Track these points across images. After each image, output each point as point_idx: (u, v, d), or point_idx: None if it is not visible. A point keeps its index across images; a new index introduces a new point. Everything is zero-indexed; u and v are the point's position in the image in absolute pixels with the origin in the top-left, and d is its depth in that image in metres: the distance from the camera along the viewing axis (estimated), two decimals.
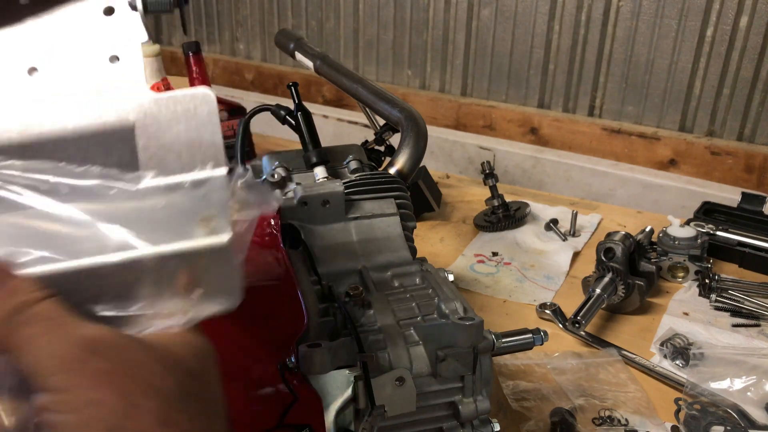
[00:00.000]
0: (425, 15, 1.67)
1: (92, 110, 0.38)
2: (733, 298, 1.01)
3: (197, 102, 0.38)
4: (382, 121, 1.07)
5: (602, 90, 1.52)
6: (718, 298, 1.01)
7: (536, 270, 1.13)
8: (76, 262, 0.35)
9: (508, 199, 1.29)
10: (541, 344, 0.65)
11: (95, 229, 0.36)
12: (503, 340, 0.62)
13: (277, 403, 0.51)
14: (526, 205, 1.31)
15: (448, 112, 1.69)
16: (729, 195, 1.30)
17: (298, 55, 1.22)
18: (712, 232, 1.14)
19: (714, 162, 1.40)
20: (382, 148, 1.12)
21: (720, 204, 1.26)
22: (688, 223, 1.16)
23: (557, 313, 0.98)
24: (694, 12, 1.36)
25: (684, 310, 1.01)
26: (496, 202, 1.27)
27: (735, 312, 0.99)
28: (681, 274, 1.09)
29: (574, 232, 1.24)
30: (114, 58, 0.40)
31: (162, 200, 0.37)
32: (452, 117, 1.69)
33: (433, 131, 1.24)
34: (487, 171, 1.26)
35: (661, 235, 1.11)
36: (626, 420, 0.78)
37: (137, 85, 0.40)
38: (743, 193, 1.24)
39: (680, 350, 0.89)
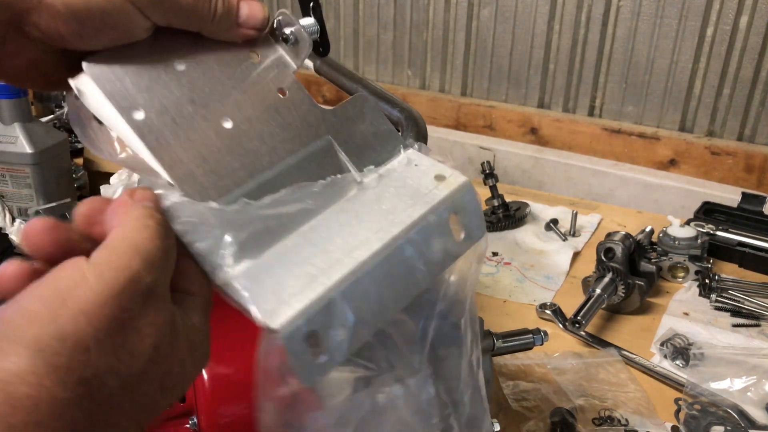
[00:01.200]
0: (425, 15, 1.67)
1: (292, 140, 0.43)
2: (734, 298, 1.01)
3: (359, 103, 0.46)
4: None
5: (602, 90, 1.52)
6: (718, 298, 1.01)
7: (536, 270, 1.13)
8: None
9: (508, 199, 1.29)
10: (541, 344, 0.65)
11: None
12: (503, 340, 0.62)
13: None
14: (526, 205, 1.31)
15: (448, 112, 1.69)
16: (729, 195, 1.30)
17: None
18: (712, 232, 1.14)
19: (714, 162, 1.40)
20: None
21: (720, 204, 1.26)
22: (688, 223, 1.16)
23: (557, 313, 0.98)
24: (694, 12, 1.36)
25: (684, 310, 1.01)
26: (496, 202, 1.27)
27: (735, 312, 0.99)
28: (681, 274, 1.09)
29: (574, 232, 1.24)
30: (282, 92, 0.45)
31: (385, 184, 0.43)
32: (452, 117, 1.69)
33: (433, 131, 1.24)
34: (487, 171, 1.26)
35: (661, 235, 1.11)
36: (626, 420, 0.78)
37: (310, 107, 0.45)
38: (743, 193, 1.24)
39: (680, 350, 0.89)
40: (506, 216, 1.26)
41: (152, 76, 0.41)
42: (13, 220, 1.18)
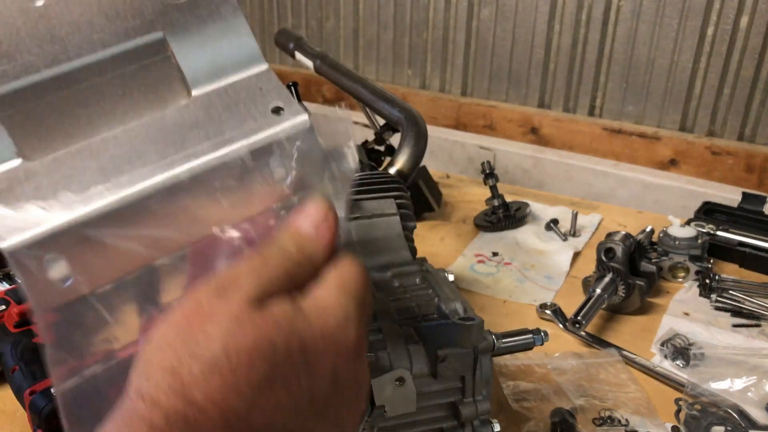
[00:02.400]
0: (425, 15, 1.67)
1: (116, 34, 0.37)
2: (734, 298, 1.01)
3: (217, 1, 0.38)
4: (382, 121, 1.06)
5: (602, 90, 1.52)
6: (718, 298, 1.01)
7: (536, 270, 1.13)
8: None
9: (508, 199, 1.29)
10: (542, 344, 0.65)
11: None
12: (503, 341, 0.62)
13: None
14: (527, 205, 1.31)
15: (448, 112, 1.69)
16: (729, 195, 1.30)
17: (298, 55, 1.22)
18: (712, 232, 1.14)
19: (714, 162, 1.40)
20: (382, 148, 1.12)
21: (720, 204, 1.26)
22: (688, 223, 1.16)
23: (557, 313, 0.98)
24: (695, 12, 1.35)
25: (684, 310, 1.00)
26: (496, 202, 1.27)
27: (735, 312, 0.99)
28: (681, 274, 1.09)
29: (574, 232, 1.24)
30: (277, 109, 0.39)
31: (219, 103, 0.37)
32: (452, 117, 1.69)
33: (433, 131, 1.24)
34: (488, 171, 1.26)
35: (661, 235, 1.11)
36: (626, 420, 0.78)
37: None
38: (744, 193, 1.24)
39: (681, 350, 0.89)
40: (506, 216, 1.26)
41: None
42: None
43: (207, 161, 0.35)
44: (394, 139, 1.01)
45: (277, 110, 0.37)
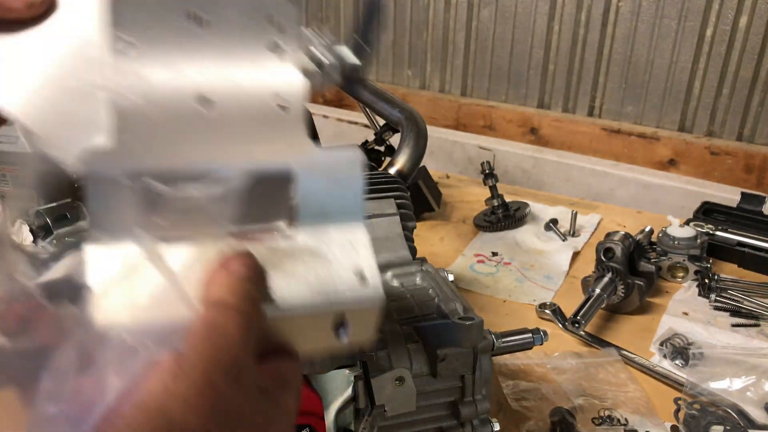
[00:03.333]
0: (425, 15, 1.67)
1: (258, 156, 0.38)
2: (733, 297, 1.01)
3: (345, 157, 0.40)
4: (382, 121, 1.07)
5: (602, 90, 1.52)
6: (717, 298, 1.01)
7: (536, 270, 1.13)
8: None
9: (508, 199, 1.29)
10: (541, 344, 0.65)
11: None
12: (503, 340, 0.63)
13: None
14: (526, 205, 1.31)
15: (448, 112, 1.69)
16: (728, 195, 1.30)
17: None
18: (711, 232, 1.15)
19: (713, 162, 1.40)
20: (382, 148, 1.13)
21: (719, 204, 1.26)
22: (687, 223, 1.16)
23: (557, 312, 0.99)
24: (694, 12, 1.36)
25: (683, 310, 1.01)
26: (495, 202, 1.27)
27: (734, 312, 0.99)
28: (680, 274, 1.09)
29: (573, 232, 1.24)
30: (281, 107, 0.39)
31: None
32: (452, 117, 1.69)
33: (433, 131, 1.24)
34: (487, 171, 1.26)
35: (660, 235, 1.11)
36: (626, 420, 0.78)
37: (298, 134, 0.39)
38: (743, 193, 1.24)
39: (680, 350, 0.89)
40: (506, 216, 1.26)
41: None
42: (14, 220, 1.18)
43: None
44: (394, 139, 1.01)
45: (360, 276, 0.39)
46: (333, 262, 0.39)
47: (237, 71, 0.38)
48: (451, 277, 0.67)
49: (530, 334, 0.64)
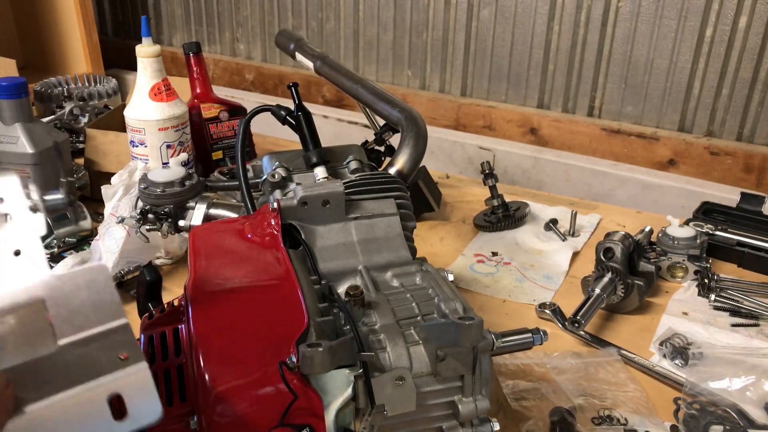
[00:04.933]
0: (425, 15, 1.67)
1: (4, 296, 0.45)
2: (733, 297, 1.01)
3: (94, 273, 0.47)
4: (382, 121, 1.07)
5: (601, 90, 1.52)
6: (717, 298, 1.01)
7: (536, 270, 1.13)
8: None
9: (507, 199, 1.29)
10: (541, 344, 0.65)
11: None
12: (503, 340, 0.63)
13: (277, 402, 0.51)
14: (526, 205, 1.31)
15: (447, 112, 1.69)
16: (728, 195, 1.31)
17: (299, 56, 1.23)
18: (711, 232, 1.15)
19: (713, 162, 1.40)
20: (382, 148, 1.13)
21: (719, 204, 1.26)
22: (687, 223, 1.16)
23: (557, 312, 0.99)
24: (694, 12, 1.36)
25: (683, 310, 1.01)
26: (495, 202, 1.27)
27: (734, 312, 0.99)
28: (680, 274, 1.09)
29: (573, 232, 1.24)
30: (17, 253, 0.47)
31: (77, 351, 0.44)
32: (452, 117, 1.69)
33: (433, 131, 1.25)
34: (487, 171, 1.27)
35: (660, 235, 1.11)
36: (625, 419, 0.78)
37: (41, 270, 0.46)
38: (742, 193, 1.24)
39: (679, 350, 0.90)
40: (506, 216, 1.26)
41: None
42: None
43: (47, 402, 0.41)
44: (394, 140, 1.01)
45: (121, 357, 0.44)
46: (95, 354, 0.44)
47: None
48: (450, 277, 0.67)
49: (530, 334, 0.65)
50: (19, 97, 1.15)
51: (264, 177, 0.80)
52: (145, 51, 1.21)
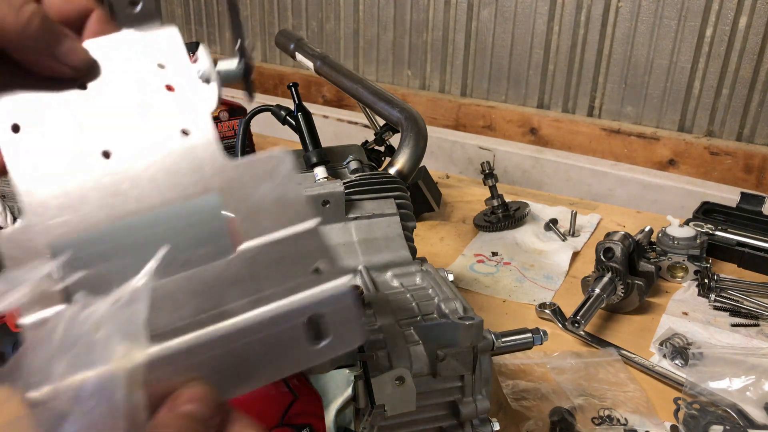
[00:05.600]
0: (425, 15, 1.67)
1: (174, 186, 0.39)
2: (732, 297, 1.01)
3: (276, 162, 0.40)
4: (382, 121, 1.07)
5: (601, 90, 1.52)
6: (717, 298, 1.01)
7: (536, 270, 1.13)
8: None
9: (507, 199, 1.29)
10: (541, 344, 0.65)
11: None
12: (503, 340, 0.63)
13: (277, 402, 0.51)
14: (526, 205, 1.31)
15: (447, 112, 1.69)
16: (728, 195, 1.30)
17: (299, 56, 1.23)
18: (711, 232, 1.15)
19: (713, 162, 1.40)
20: (382, 148, 1.13)
21: (719, 204, 1.26)
22: (687, 223, 1.16)
23: (557, 312, 0.99)
24: (694, 12, 1.36)
25: (683, 310, 1.01)
26: (495, 202, 1.27)
27: (734, 312, 0.99)
28: (680, 274, 1.09)
29: (573, 232, 1.24)
30: (185, 132, 0.40)
31: (263, 259, 0.38)
32: (452, 117, 1.69)
33: (433, 131, 1.25)
34: (487, 171, 1.27)
35: (660, 235, 1.11)
36: (625, 419, 0.78)
37: (212, 155, 0.40)
38: (742, 193, 1.24)
39: (679, 350, 0.90)
40: (506, 216, 1.26)
41: (47, 92, 0.39)
42: (14, 220, 1.18)
43: (241, 320, 0.36)
44: (394, 140, 1.01)
45: (318, 270, 0.38)
46: (283, 261, 0.38)
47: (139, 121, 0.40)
48: (450, 277, 0.68)
49: (530, 334, 0.65)
50: None
51: None
52: None
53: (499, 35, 1.59)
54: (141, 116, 0.40)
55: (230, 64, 0.45)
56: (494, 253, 1.18)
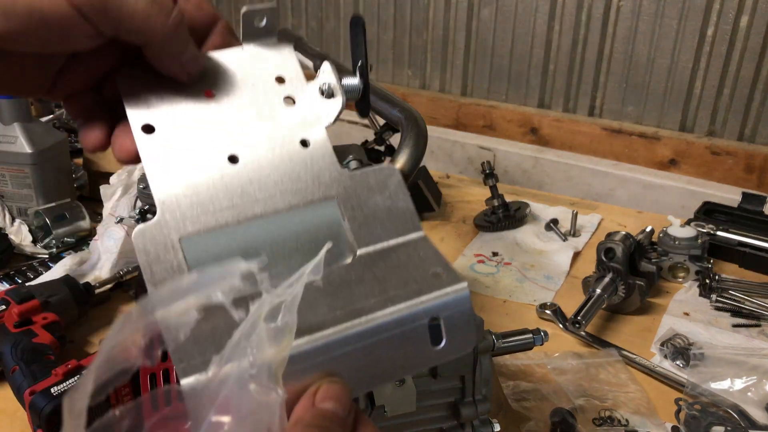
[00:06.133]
0: (425, 15, 1.67)
1: (296, 192, 0.42)
2: (734, 298, 1.01)
3: (386, 175, 0.44)
4: (382, 121, 1.07)
5: (602, 90, 1.52)
6: (718, 298, 1.01)
7: (536, 270, 1.13)
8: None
9: (508, 199, 1.29)
10: (541, 344, 0.65)
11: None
12: (503, 340, 0.62)
13: None
14: (526, 205, 1.31)
15: (448, 112, 1.69)
16: (729, 195, 1.30)
17: (298, 55, 1.22)
18: (712, 232, 1.14)
19: (714, 162, 1.40)
20: (382, 148, 1.12)
21: (720, 204, 1.26)
22: (688, 223, 1.16)
23: (557, 313, 0.98)
24: (695, 12, 1.35)
25: (684, 310, 1.00)
26: (496, 202, 1.27)
27: (735, 312, 0.99)
28: (681, 274, 1.09)
29: (574, 232, 1.24)
30: (304, 143, 0.43)
31: (383, 264, 0.40)
32: (452, 117, 1.69)
33: (433, 131, 1.24)
34: (487, 171, 1.26)
35: (661, 235, 1.11)
36: (626, 420, 0.78)
37: (330, 165, 0.43)
38: (743, 193, 1.24)
39: (680, 350, 0.89)
40: (506, 216, 1.26)
41: (177, 97, 0.42)
42: (13, 220, 1.18)
43: (375, 317, 0.37)
44: (394, 139, 1.01)
45: (436, 275, 0.40)
46: (403, 268, 0.40)
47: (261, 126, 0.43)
48: None
49: (530, 335, 0.64)
50: (18, 97, 1.15)
51: None
52: None
53: (500, 34, 1.59)
54: (263, 125, 0.43)
55: (352, 80, 0.48)
56: (494, 254, 1.18)
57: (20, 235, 1.15)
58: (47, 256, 1.11)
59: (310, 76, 0.46)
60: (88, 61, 0.42)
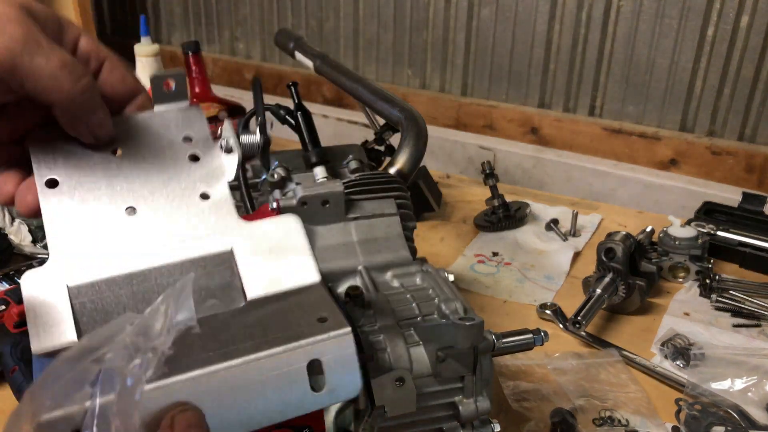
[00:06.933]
0: (425, 15, 1.67)
1: (193, 241, 0.44)
2: (734, 298, 1.01)
3: (284, 222, 0.46)
4: (382, 121, 1.06)
5: (603, 90, 1.52)
6: (718, 299, 1.01)
7: (537, 270, 1.13)
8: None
9: (508, 199, 1.29)
10: (542, 344, 0.65)
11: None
12: (503, 341, 0.62)
13: None
14: (527, 205, 1.31)
15: (448, 111, 1.69)
16: (730, 195, 1.30)
17: (298, 55, 1.22)
18: (712, 232, 1.14)
19: (715, 162, 1.40)
20: (382, 148, 1.12)
21: (721, 204, 1.26)
22: (688, 223, 1.16)
23: (558, 313, 0.98)
24: (695, 11, 1.35)
25: (685, 311, 1.00)
26: (496, 202, 1.27)
27: (736, 312, 0.99)
28: (682, 275, 1.09)
29: (574, 232, 1.24)
30: (204, 196, 0.46)
31: (271, 308, 0.42)
32: (452, 117, 1.68)
33: (433, 131, 1.24)
34: (488, 171, 1.26)
35: (661, 235, 1.11)
36: (627, 420, 0.78)
37: (227, 215, 0.45)
38: (744, 193, 1.23)
39: (681, 350, 0.89)
40: (506, 216, 1.26)
41: (85, 155, 0.45)
42: (13, 220, 1.18)
43: (248, 359, 0.37)
44: (394, 139, 1.00)
45: (322, 320, 0.40)
46: (289, 311, 0.41)
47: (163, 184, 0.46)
48: (451, 278, 0.67)
49: (531, 335, 0.64)
50: None
51: (263, 177, 0.80)
52: (144, 50, 1.20)
53: (500, 34, 1.59)
54: (167, 181, 0.46)
55: (251, 138, 0.52)
56: (495, 254, 1.18)
57: (20, 235, 1.15)
58: (47, 256, 1.11)
59: (308, 78, 0.48)
60: (11, 114, 0.44)
